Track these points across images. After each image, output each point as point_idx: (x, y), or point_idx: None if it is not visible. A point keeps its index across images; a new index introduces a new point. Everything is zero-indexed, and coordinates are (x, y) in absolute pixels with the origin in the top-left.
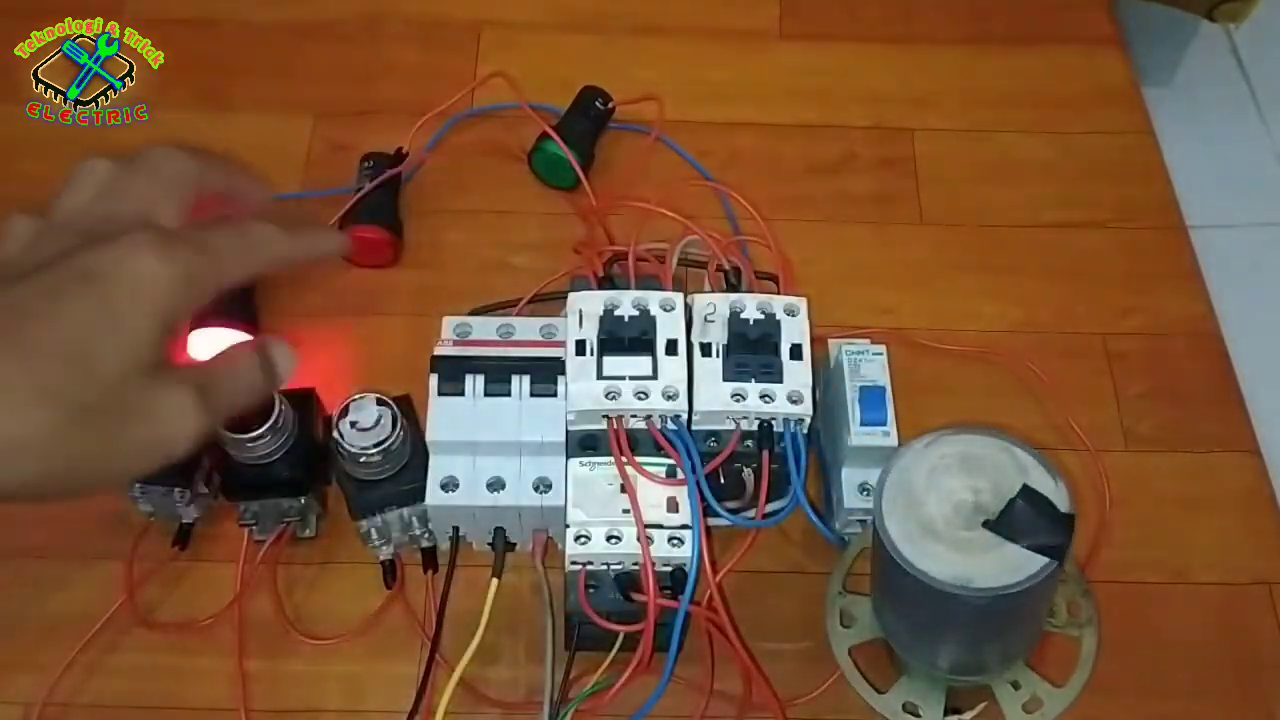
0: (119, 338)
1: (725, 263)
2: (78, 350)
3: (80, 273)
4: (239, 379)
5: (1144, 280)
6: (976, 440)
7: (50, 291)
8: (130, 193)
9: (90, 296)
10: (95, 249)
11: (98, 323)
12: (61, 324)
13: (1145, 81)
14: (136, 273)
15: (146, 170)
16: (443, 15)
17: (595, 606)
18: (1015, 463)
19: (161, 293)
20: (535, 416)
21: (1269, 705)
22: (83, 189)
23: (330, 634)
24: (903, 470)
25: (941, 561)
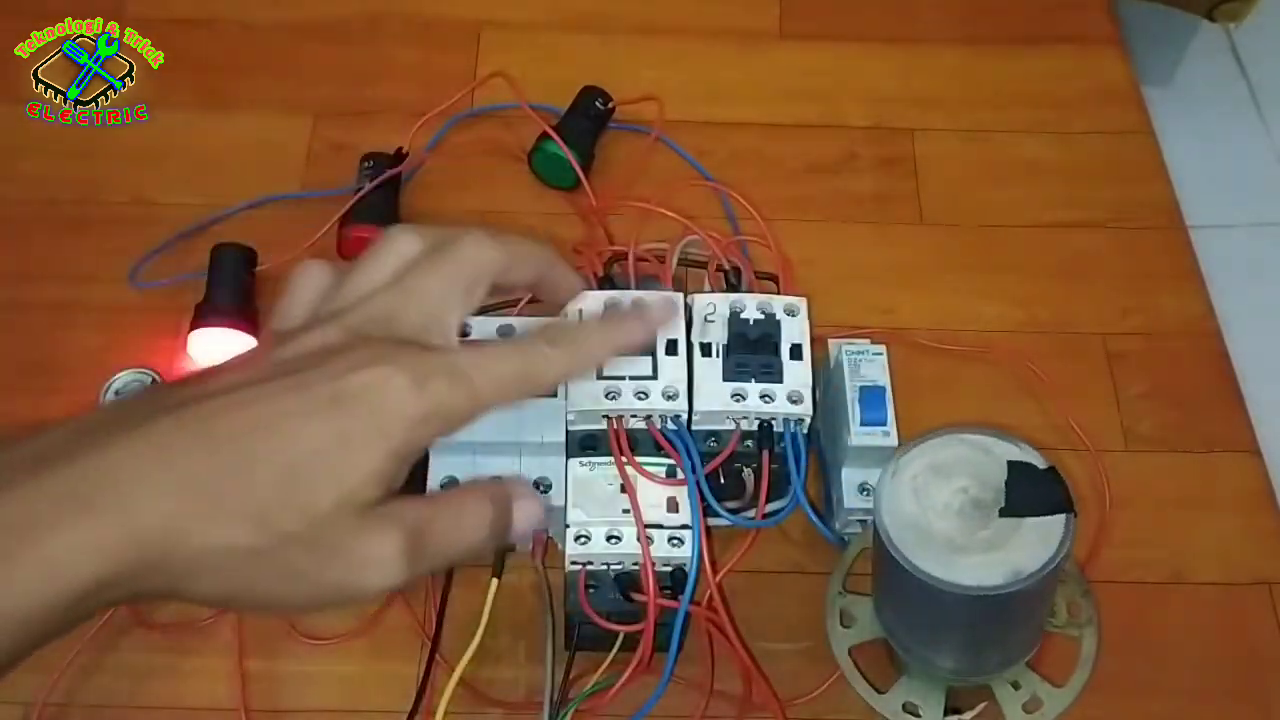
0: (344, 472)
1: (725, 263)
2: (300, 476)
3: (329, 388)
4: (462, 533)
5: (1144, 280)
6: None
7: (297, 409)
8: (418, 289)
9: (329, 419)
10: (352, 361)
11: (327, 451)
12: (295, 446)
13: (1145, 81)
14: (384, 403)
15: (450, 261)
16: (443, 15)
17: (595, 606)
18: (979, 448)
19: (404, 427)
20: (535, 416)
21: (1269, 705)
22: (383, 266)
23: (330, 634)
24: (899, 474)
25: (941, 561)
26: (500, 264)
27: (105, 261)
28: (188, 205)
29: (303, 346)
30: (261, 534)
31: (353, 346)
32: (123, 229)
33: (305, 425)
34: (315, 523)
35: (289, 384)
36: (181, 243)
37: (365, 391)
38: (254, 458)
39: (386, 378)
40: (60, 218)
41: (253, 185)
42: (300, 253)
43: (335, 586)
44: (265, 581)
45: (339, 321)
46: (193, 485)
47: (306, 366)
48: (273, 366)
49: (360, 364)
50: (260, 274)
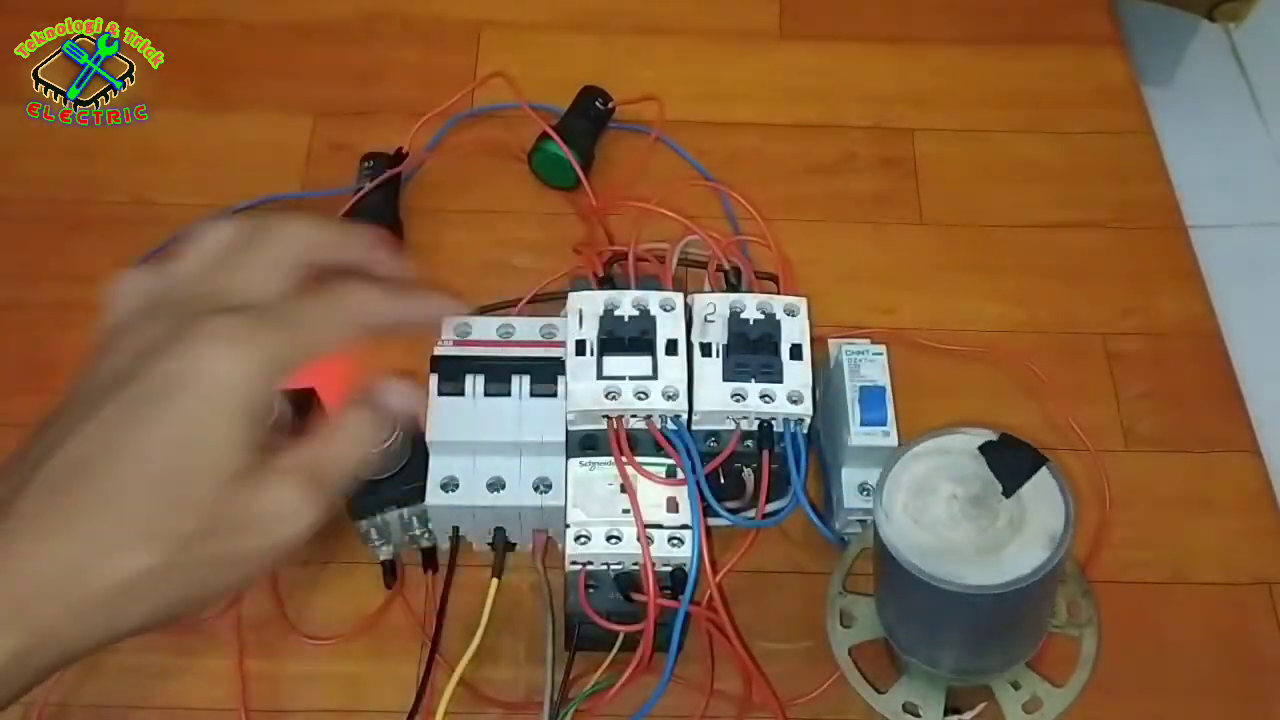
0: (209, 454)
1: (725, 263)
2: (168, 480)
3: (160, 386)
4: (351, 448)
5: (1144, 280)
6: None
7: (131, 416)
8: (241, 263)
9: (172, 414)
10: (173, 349)
11: (185, 443)
12: (148, 455)
13: (1145, 81)
14: (215, 376)
15: (264, 239)
16: (443, 15)
17: (595, 606)
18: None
19: (244, 390)
20: (535, 416)
21: (1269, 705)
22: (198, 253)
23: (330, 634)
24: (900, 472)
25: (941, 561)
26: (318, 241)
27: (105, 261)
28: (188, 205)
29: (126, 350)
30: (163, 547)
31: (174, 332)
32: (123, 229)
33: (152, 429)
34: (207, 512)
35: (121, 399)
36: None
37: (192, 369)
38: (121, 481)
39: (209, 348)
40: (60, 218)
41: (253, 185)
42: None
43: (258, 554)
44: (191, 584)
45: (162, 314)
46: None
47: (132, 371)
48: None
49: (182, 348)
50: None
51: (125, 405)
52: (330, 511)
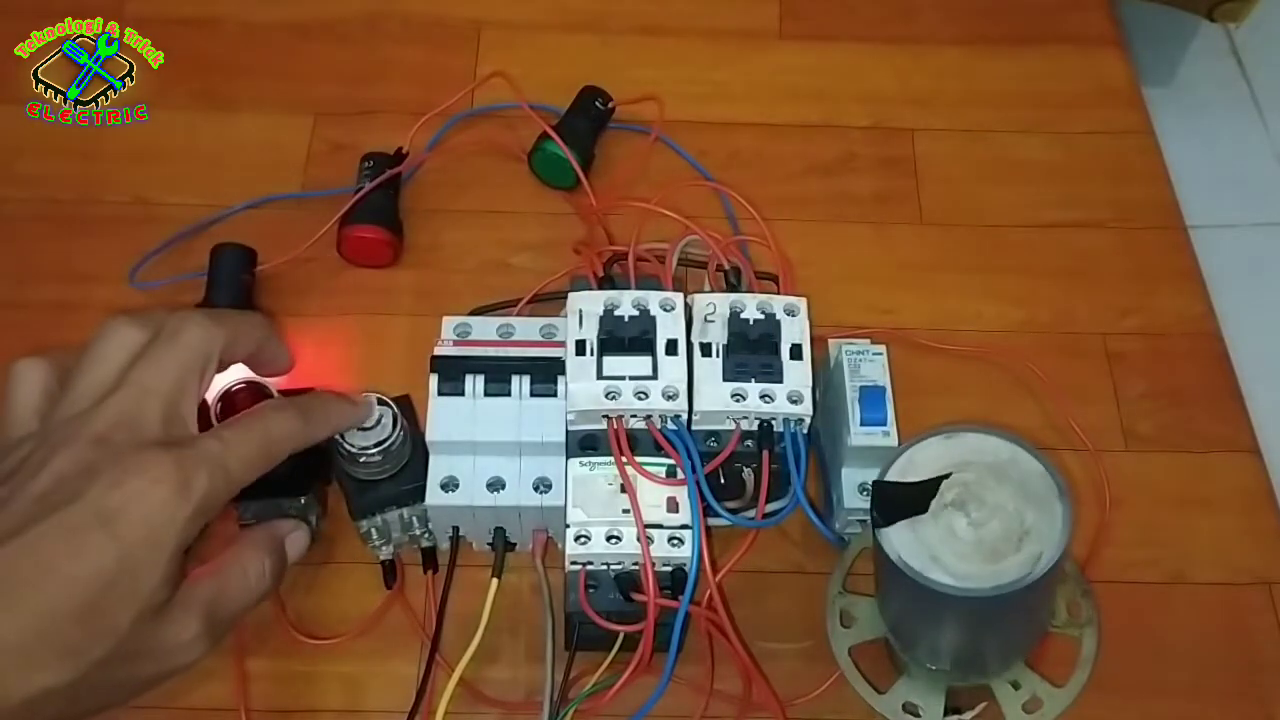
0: (135, 587)
1: (725, 263)
2: (95, 606)
3: (93, 517)
4: (249, 590)
5: (1144, 280)
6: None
7: (65, 542)
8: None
9: (108, 545)
10: (107, 481)
11: (115, 574)
12: (79, 580)
13: (1145, 81)
14: (153, 514)
15: (170, 354)
16: (443, 15)
17: (595, 606)
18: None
19: (178, 531)
20: (535, 416)
21: (1269, 705)
22: (109, 361)
23: (330, 634)
24: (900, 471)
25: (941, 561)
26: (222, 342)
27: (105, 261)
28: (188, 205)
29: (53, 472)
30: (75, 669)
31: (105, 461)
32: (123, 229)
33: (85, 558)
34: (120, 641)
35: (54, 524)
36: (181, 243)
37: (131, 507)
38: (49, 602)
39: (149, 489)
40: (60, 218)
41: (253, 185)
42: (300, 252)
43: (151, 680)
44: (88, 702)
45: (81, 432)
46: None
47: (64, 496)
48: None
49: (119, 479)
50: (260, 274)
51: (61, 529)
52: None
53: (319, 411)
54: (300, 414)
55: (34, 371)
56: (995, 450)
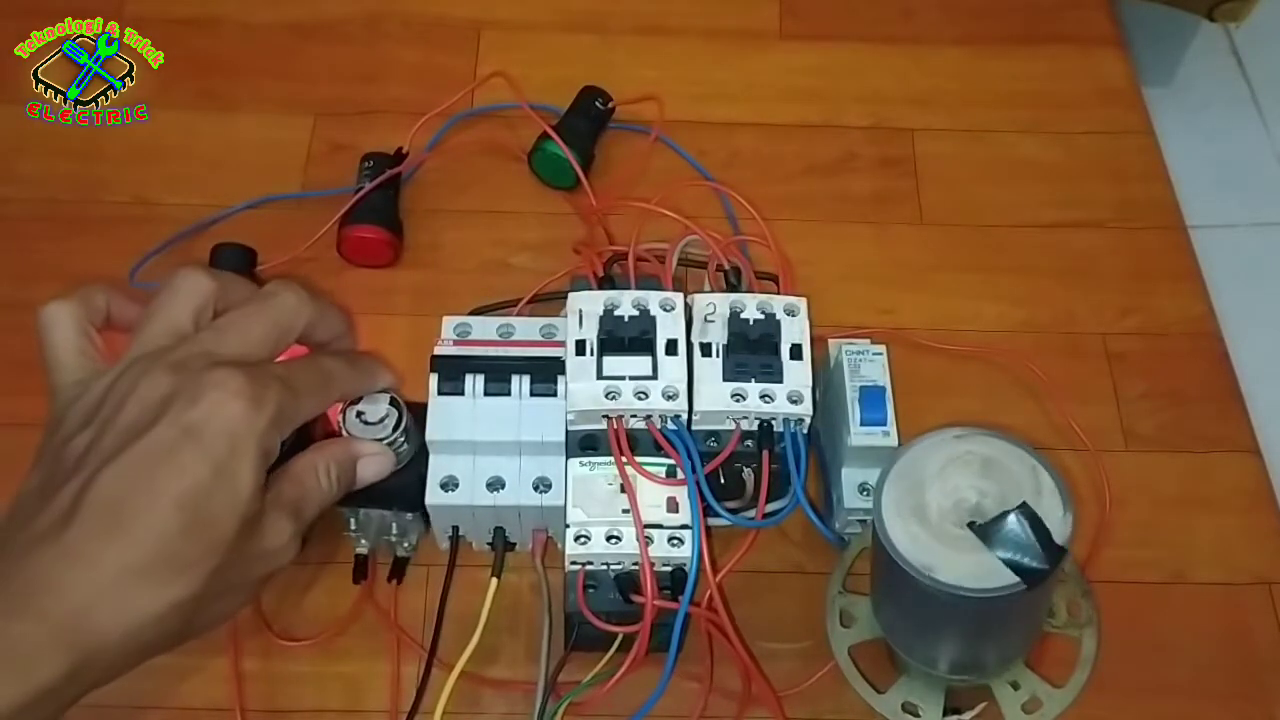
0: (232, 496)
1: (725, 263)
2: (199, 518)
3: (180, 434)
4: (324, 492)
5: (1144, 280)
6: (1004, 446)
7: (159, 460)
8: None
9: (200, 457)
10: (188, 400)
11: (211, 485)
12: (180, 494)
13: (1145, 81)
14: (233, 424)
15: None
16: (443, 15)
17: (594, 607)
18: (1033, 481)
19: (258, 438)
20: (535, 416)
21: (1269, 705)
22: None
23: (328, 634)
24: (909, 463)
25: (940, 562)
26: (311, 319)
27: (105, 261)
28: (188, 205)
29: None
30: (196, 579)
31: (183, 382)
32: (123, 229)
33: (180, 473)
34: (229, 547)
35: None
36: (181, 243)
37: (212, 420)
38: (158, 519)
39: (227, 401)
40: (60, 218)
41: (253, 185)
42: (300, 252)
43: (260, 580)
44: (214, 608)
45: (159, 361)
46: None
47: (149, 420)
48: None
49: (195, 396)
50: (260, 274)
51: (152, 449)
52: None
53: (365, 362)
54: (349, 362)
55: (62, 314)
56: (994, 450)
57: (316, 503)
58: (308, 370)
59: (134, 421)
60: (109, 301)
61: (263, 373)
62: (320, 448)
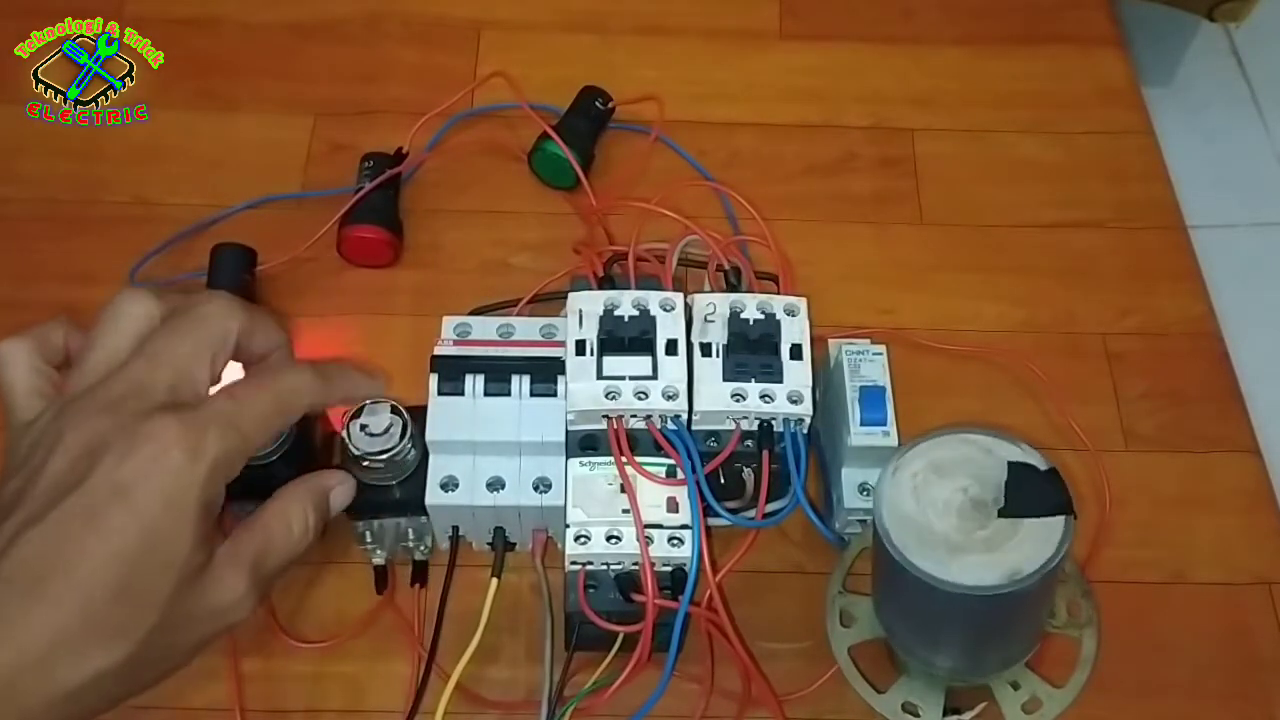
0: (167, 555)
1: (725, 263)
2: (129, 581)
3: (111, 491)
4: (293, 542)
5: (1144, 280)
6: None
7: (87, 521)
8: (167, 353)
9: (128, 519)
10: (119, 453)
11: (141, 547)
12: (107, 558)
13: (1145, 81)
14: (168, 479)
15: (189, 326)
16: (443, 15)
17: (595, 607)
18: (979, 448)
19: (196, 493)
20: (535, 416)
21: (1269, 705)
22: (121, 333)
23: (328, 634)
24: (909, 463)
25: (941, 561)
26: (243, 326)
27: (105, 261)
28: (188, 205)
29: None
30: (126, 646)
31: (112, 433)
32: (123, 229)
33: (110, 534)
34: (165, 610)
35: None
36: (181, 243)
37: (144, 477)
38: (85, 583)
39: (159, 456)
40: (60, 218)
41: (253, 185)
42: (300, 252)
43: (206, 640)
44: (149, 672)
45: (88, 406)
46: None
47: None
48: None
49: (127, 451)
50: (260, 274)
51: (79, 510)
52: (268, 600)
53: (337, 375)
54: (317, 374)
55: (17, 353)
56: (994, 450)
57: (284, 555)
58: (256, 397)
59: (61, 475)
60: (67, 338)
61: (201, 417)
62: (291, 492)
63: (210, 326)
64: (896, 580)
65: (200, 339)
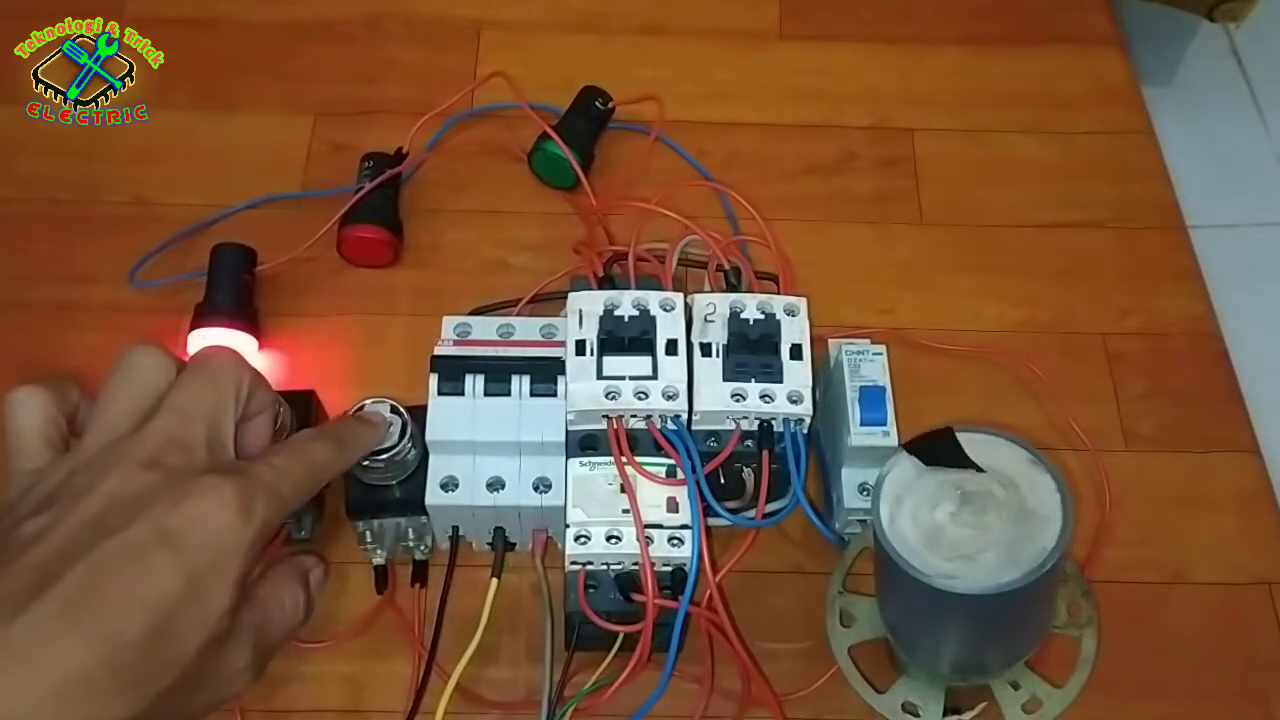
0: (204, 612)
1: (725, 263)
2: (162, 631)
3: (160, 534)
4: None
5: (1144, 280)
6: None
7: (134, 563)
8: (196, 409)
9: (175, 565)
10: (173, 505)
11: (183, 598)
12: (147, 602)
13: (1145, 81)
14: (219, 537)
15: (208, 381)
16: (443, 15)
17: (595, 607)
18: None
19: (243, 555)
20: (535, 416)
21: (1269, 705)
22: (139, 388)
23: (328, 634)
24: (908, 463)
25: (940, 561)
26: (250, 376)
27: (105, 261)
28: (188, 205)
29: (104, 495)
30: (141, 700)
31: (161, 483)
32: (123, 229)
33: (152, 581)
34: (185, 669)
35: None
36: (181, 243)
37: (194, 528)
38: (117, 629)
39: (213, 512)
40: (60, 218)
41: (253, 185)
42: (300, 252)
43: (203, 710)
44: None
45: (128, 455)
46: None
47: (123, 518)
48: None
49: (179, 501)
50: (260, 274)
51: (121, 551)
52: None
53: (350, 439)
54: (336, 443)
55: (34, 399)
56: (994, 450)
57: (283, 630)
58: (296, 467)
59: (99, 515)
60: (80, 399)
61: (252, 481)
62: (280, 570)
63: (224, 378)
64: (897, 580)
65: (222, 393)
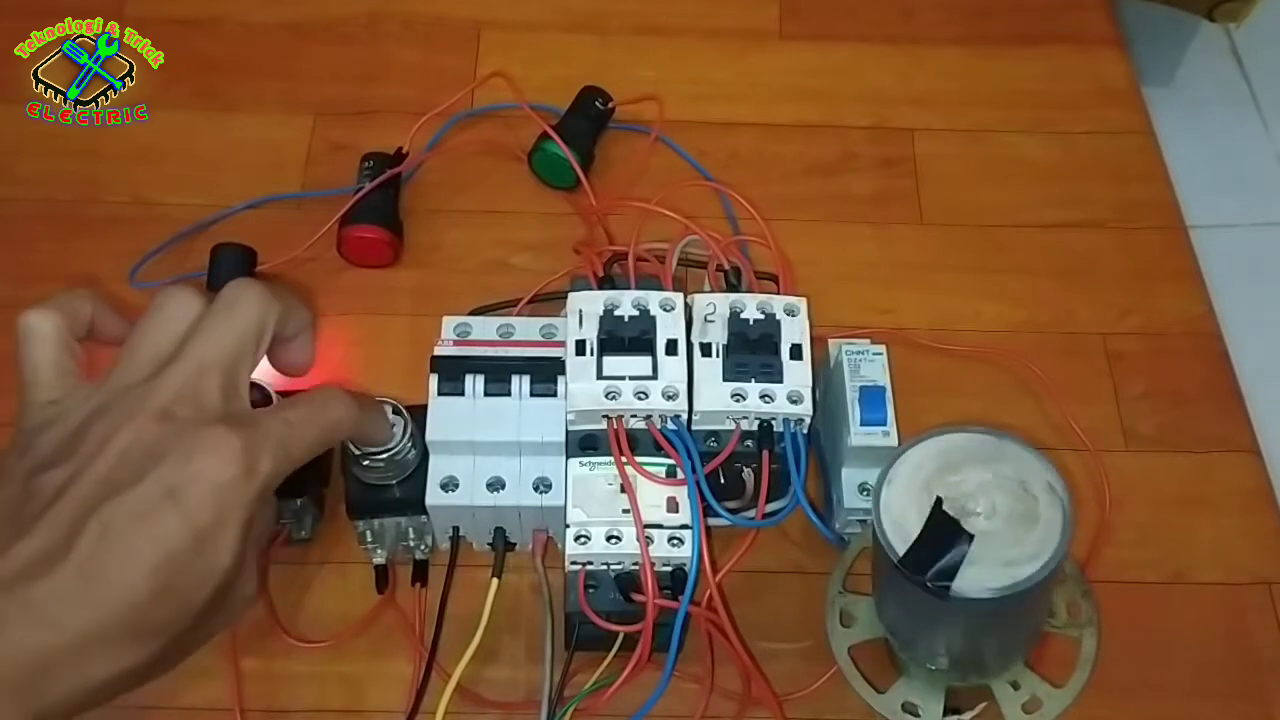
0: (209, 566)
1: (725, 263)
2: (172, 586)
3: (166, 490)
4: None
5: (1144, 280)
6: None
7: (141, 522)
8: (212, 357)
9: (180, 522)
10: (181, 461)
11: (189, 553)
12: (156, 559)
13: (1145, 81)
14: (223, 494)
15: (228, 325)
16: (443, 15)
17: (595, 607)
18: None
19: (244, 510)
20: (535, 416)
21: (1269, 705)
22: (165, 331)
23: (328, 634)
24: (908, 463)
25: None
26: (277, 314)
27: (105, 261)
28: (188, 205)
29: (118, 450)
30: (155, 646)
31: (170, 437)
32: (123, 229)
33: (158, 539)
34: (197, 615)
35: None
36: (181, 243)
37: (199, 484)
38: (127, 589)
39: (218, 467)
40: (60, 218)
41: (253, 185)
42: (300, 252)
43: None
44: (168, 664)
45: (143, 405)
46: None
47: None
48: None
49: (187, 456)
50: (260, 274)
51: (131, 510)
52: None
53: (370, 408)
54: (356, 404)
55: (45, 327)
56: (994, 450)
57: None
58: (310, 425)
59: (113, 473)
60: (94, 311)
61: (258, 436)
62: None
63: (247, 323)
64: (896, 580)
65: (240, 337)
